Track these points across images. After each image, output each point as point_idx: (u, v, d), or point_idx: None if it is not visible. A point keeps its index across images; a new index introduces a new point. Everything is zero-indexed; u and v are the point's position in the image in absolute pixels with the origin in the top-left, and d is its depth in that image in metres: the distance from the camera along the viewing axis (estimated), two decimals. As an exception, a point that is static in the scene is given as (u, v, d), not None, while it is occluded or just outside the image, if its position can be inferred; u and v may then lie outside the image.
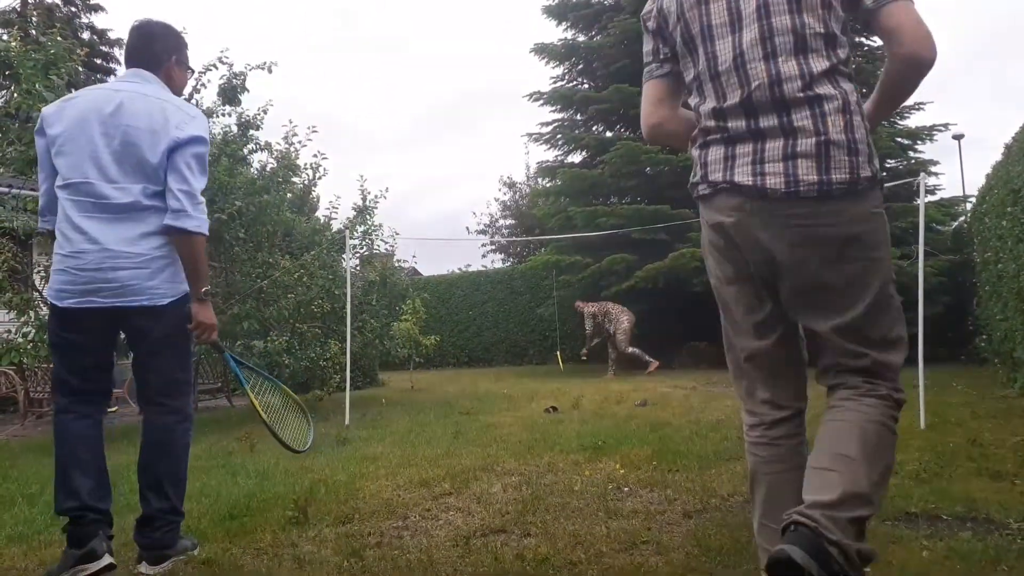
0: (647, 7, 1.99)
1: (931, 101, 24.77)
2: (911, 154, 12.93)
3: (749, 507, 2.12)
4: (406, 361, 11.94)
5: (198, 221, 2.65)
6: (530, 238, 19.58)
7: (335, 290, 8.46)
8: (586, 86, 14.78)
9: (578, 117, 14.73)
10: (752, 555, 2.58)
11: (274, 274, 8.07)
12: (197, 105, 7.79)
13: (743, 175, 1.75)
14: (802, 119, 1.70)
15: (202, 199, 2.69)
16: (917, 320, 5.50)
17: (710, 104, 1.83)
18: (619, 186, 13.11)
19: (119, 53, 21.59)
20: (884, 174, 1.88)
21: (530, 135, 15.06)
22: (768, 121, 1.73)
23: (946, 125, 12.80)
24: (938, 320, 8.58)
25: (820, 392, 2.02)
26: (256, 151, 8.57)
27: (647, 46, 2.01)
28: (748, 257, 1.82)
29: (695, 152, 1.89)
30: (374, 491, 3.85)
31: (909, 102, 13.36)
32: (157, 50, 2.81)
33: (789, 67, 1.72)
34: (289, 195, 9.16)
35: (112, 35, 23.36)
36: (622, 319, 11.34)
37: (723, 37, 1.80)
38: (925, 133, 12.68)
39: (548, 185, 15.81)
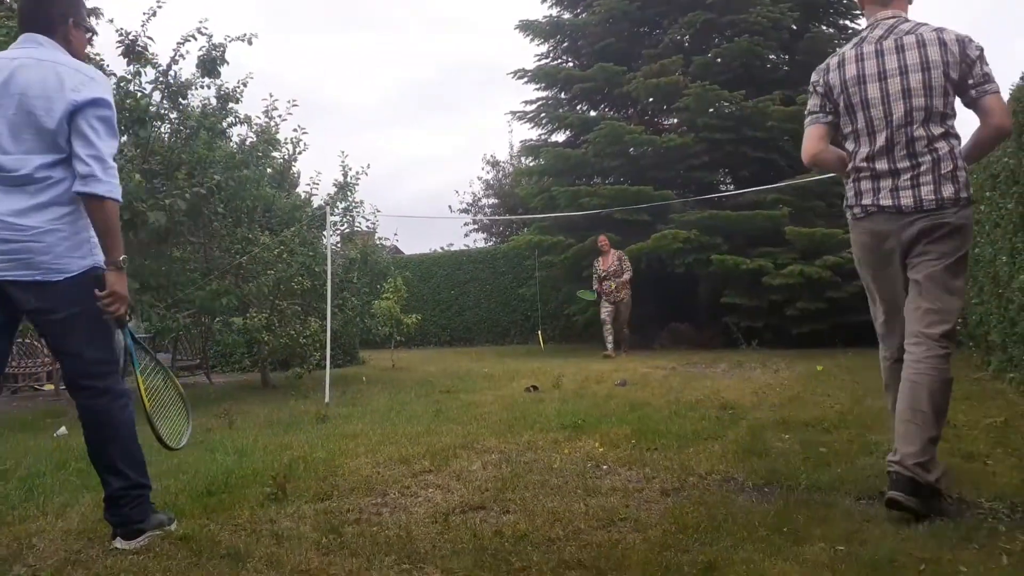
0: (815, 77, 3.05)
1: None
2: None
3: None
4: (387, 340, 11.91)
5: (109, 186, 2.53)
6: (513, 217, 19.54)
7: (315, 267, 8.39)
8: (571, 64, 14.70)
9: (562, 96, 14.66)
10: (727, 532, 2.60)
11: (254, 250, 7.99)
12: (175, 77, 7.66)
13: (887, 199, 2.81)
14: (925, 164, 2.75)
15: (113, 163, 2.58)
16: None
17: (864, 151, 2.86)
18: (602, 166, 13.09)
19: (95, 23, 21.18)
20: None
21: (514, 113, 14.99)
22: (903, 164, 2.78)
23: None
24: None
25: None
26: (235, 124, 8.45)
27: (814, 101, 3.04)
28: (889, 248, 2.83)
29: (850, 183, 2.94)
30: (353, 468, 3.84)
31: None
32: (52, 13, 2.66)
33: (920, 131, 2.76)
34: (269, 170, 9.05)
35: (87, 3, 22.90)
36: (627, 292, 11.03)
37: (876, 107, 2.82)
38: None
39: (531, 164, 15.76)
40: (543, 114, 14.52)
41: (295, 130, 9.68)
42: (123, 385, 2.76)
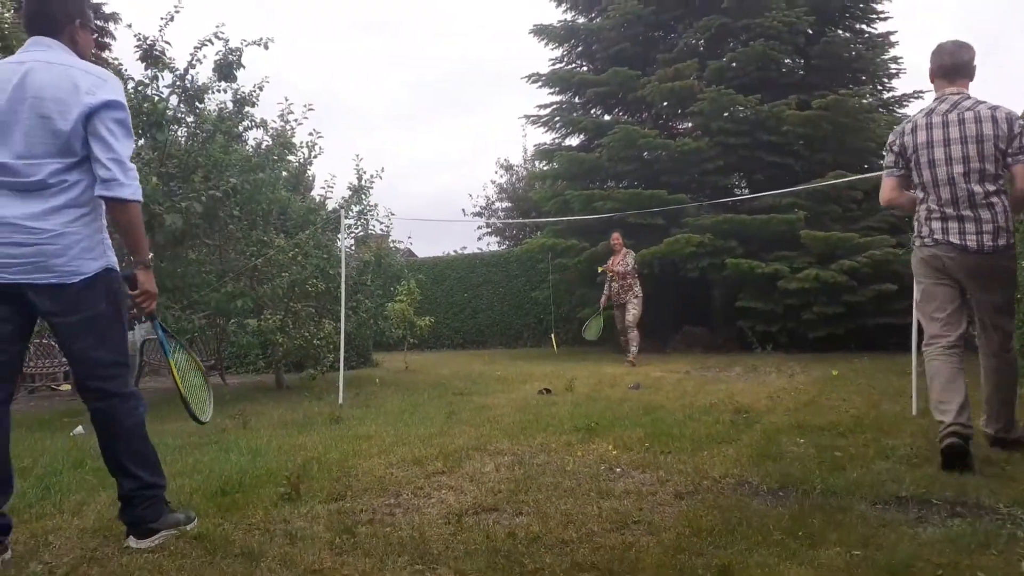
0: (892, 138, 3.81)
1: (930, 90, 24.80)
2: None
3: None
4: (400, 342, 11.93)
5: (132, 188, 2.57)
6: (526, 221, 19.53)
7: (330, 270, 8.42)
8: (585, 69, 14.69)
9: (576, 100, 14.65)
10: (742, 536, 2.59)
11: (268, 253, 8.03)
12: (192, 81, 7.72)
13: (955, 238, 3.56)
14: (985, 214, 3.52)
15: (132, 165, 2.59)
16: (911, 308, 5.51)
17: (932, 201, 3.64)
18: (616, 170, 13.06)
19: (114, 28, 21.35)
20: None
21: (528, 117, 14.98)
22: (966, 212, 3.54)
23: (945, 114, 12.77)
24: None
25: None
26: (251, 128, 8.50)
27: (890, 159, 3.81)
28: (953, 275, 3.64)
29: (922, 224, 3.69)
30: (367, 469, 3.85)
31: (908, 90, 13.36)
32: (57, 14, 2.64)
33: (977, 188, 3.52)
34: (284, 173, 9.10)
35: (106, 9, 23.14)
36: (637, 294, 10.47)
37: (940, 166, 3.59)
38: (924, 122, 12.64)
39: (545, 168, 15.75)
40: (557, 118, 14.52)
41: (311, 134, 9.75)
42: (132, 388, 2.77)
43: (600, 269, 10.77)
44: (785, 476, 3.40)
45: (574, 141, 14.74)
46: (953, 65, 3.67)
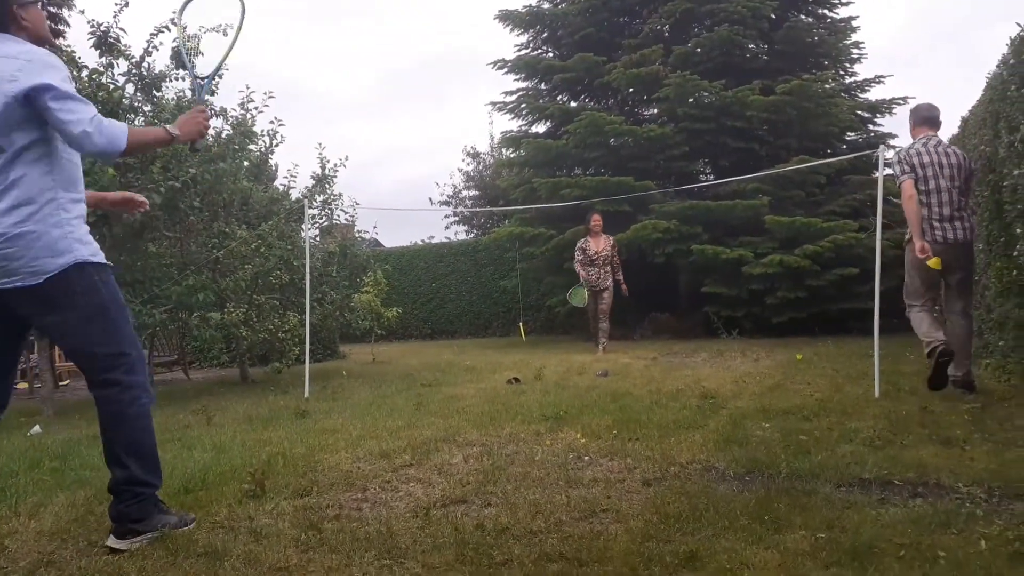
0: (903, 156, 5.05)
1: (891, 75, 25.14)
2: (871, 127, 13.09)
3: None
4: (368, 333, 11.84)
5: (104, 138, 2.48)
6: (494, 209, 19.47)
7: (294, 261, 8.31)
8: (551, 55, 14.62)
9: (542, 86, 14.58)
10: (709, 521, 2.60)
11: (231, 244, 7.90)
12: (149, 68, 7.54)
13: (949, 236, 4.86)
14: (965, 219, 4.94)
15: (96, 118, 2.48)
16: (874, 292, 5.59)
17: (932, 208, 4.91)
18: (583, 157, 13.04)
19: (67, 14, 20.77)
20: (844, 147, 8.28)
21: (494, 104, 14.87)
22: (955, 214, 4.89)
23: (905, 99, 12.93)
24: (894, 292, 8.70)
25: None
26: (211, 117, 8.32)
27: (905, 168, 4.99)
28: (945, 259, 4.78)
29: (925, 224, 4.89)
30: (333, 463, 3.81)
31: (869, 75, 13.50)
32: None
33: (960, 199, 4.94)
34: (246, 163, 8.93)
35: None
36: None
37: (941, 180, 4.89)
38: (884, 107, 12.82)
39: (512, 156, 15.68)
40: (523, 105, 14.44)
41: (272, 122, 9.59)
42: (136, 377, 2.70)
43: (584, 270, 9.95)
44: (751, 461, 3.43)
45: (541, 128, 14.69)
46: (930, 117, 5.16)
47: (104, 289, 2.64)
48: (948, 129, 10.62)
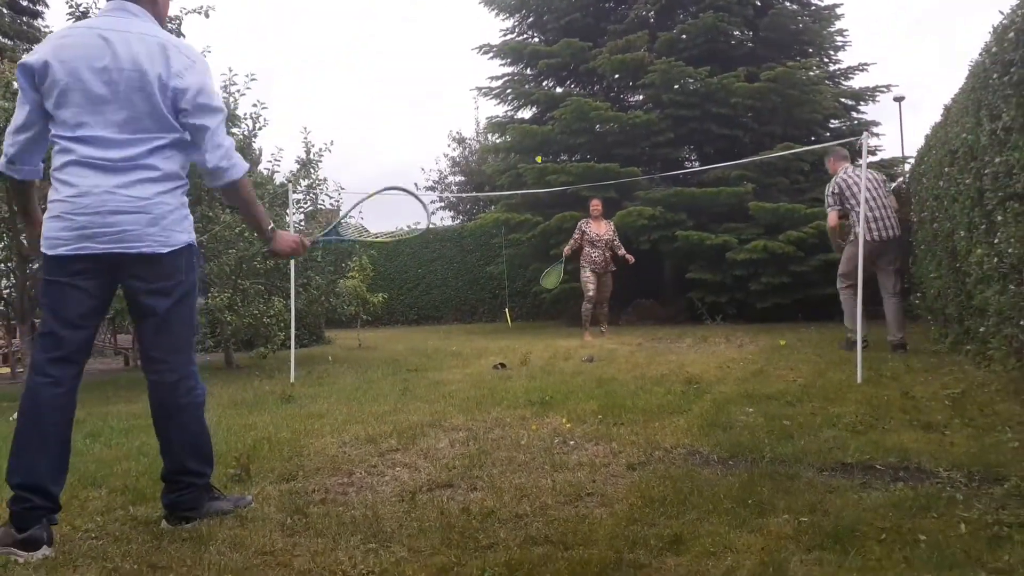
0: (831, 189, 6.88)
1: (875, 63, 25.26)
2: (854, 115, 13.16)
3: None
4: (353, 319, 11.81)
5: (237, 168, 2.64)
6: (479, 195, 19.43)
7: (279, 246, 8.25)
8: (536, 40, 14.57)
9: (528, 72, 14.54)
10: (693, 505, 2.62)
11: (214, 229, 7.83)
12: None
13: (883, 234, 6.57)
14: (894, 221, 6.69)
15: (228, 142, 2.63)
16: (857, 277, 5.64)
17: (865, 215, 6.28)
18: (569, 143, 13.04)
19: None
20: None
21: (480, 89, 14.83)
22: (884, 217, 6.63)
23: (888, 87, 13.03)
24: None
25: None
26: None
27: (832, 200, 6.87)
28: (879, 251, 6.60)
29: (862, 225, 6.21)
30: (319, 448, 3.80)
31: (853, 63, 13.56)
32: None
33: (887, 203, 6.74)
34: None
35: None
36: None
37: (872, 194, 6.59)
38: (868, 94, 12.89)
39: (498, 141, 15.64)
40: (509, 90, 14.40)
41: (255, 105, 9.46)
42: (193, 368, 2.70)
43: (588, 249, 9.76)
44: (735, 445, 3.46)
45: (526, 113, 14.67)
46: (845, 155, 7.22)
47: (198, 275, 2.75)
48: (931, 117, 10.63)
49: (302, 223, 9.87)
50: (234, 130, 8.81)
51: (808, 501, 2.60)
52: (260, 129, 9.07)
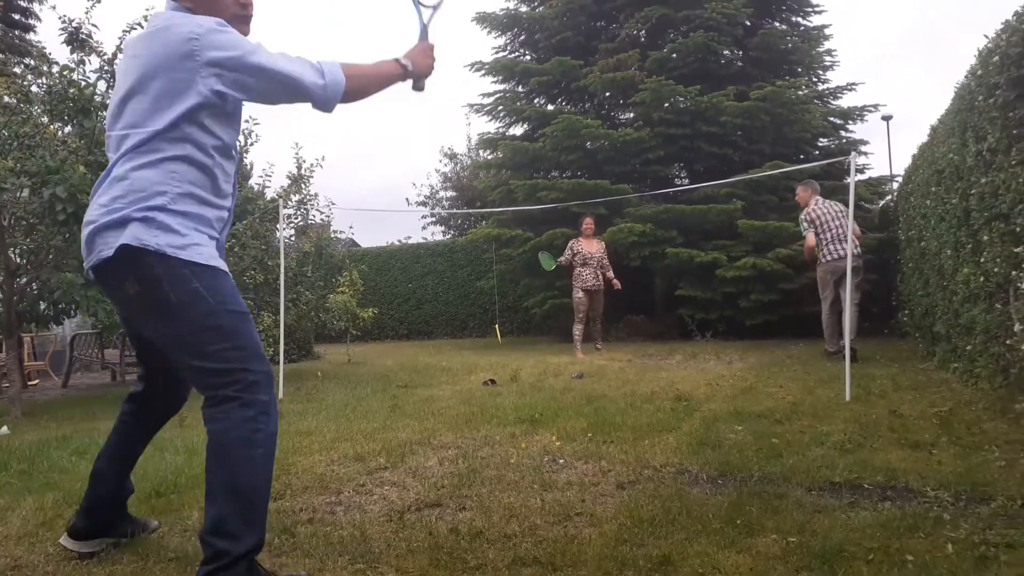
0: (804, 216, 8.01)
1: (863, 82, 25.57)
2: (842, 134, 13.28)
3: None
4: (343, 334, 11.78)
5: (326, 90, 2.25)
6: (471, 211, 19.46)
7: (268, 261, 8.25)
8: (528, 58, 14.66)
9: (520, 89, 14.61)
10: (682, 525, 2.62)
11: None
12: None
13: (840, 253, 7.65)
14: (845, 243, 7.34)
15: (308, 66, 2.24)
16: (846, 295, 5.68)
17: (830, 239, 7.80)
18: (560, 160, 13.09)
19: (39, 8, 20.41)
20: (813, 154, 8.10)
21: (471, 106, 14.87)
22: (842, 241, 7.64)
23: (876, 106, 13.15)
24: (864, 295, 8.85)
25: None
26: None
27: (806, 225, 7.96)
28: (841, 268, 7.28)
29: (825, 248, 7.83)
30: (307, 466, 3.78)
31: (841, 82, 13.71)
32: None
33: (843, 233, 7.58)
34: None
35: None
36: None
37: (833, 221, 7.80)
38: (856, 113, 13.01)
39: (489, 157, 15.68)
40: (500, 107, 14.46)
41: (247, 120, 9.48)
42: (247, 393, 2.13)
43: (578, 268, 9.86)
44: (724, 464, 3.47)
45: (518, 130, 14.72)
46: (817, 188, 8.15)
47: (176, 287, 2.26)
48: (918, 137, 10.73)
49: (292, 238, 9.87)
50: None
51: (796, 521, 2.61)
52: (252, 145, 9.08)
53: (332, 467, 3.77)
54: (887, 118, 22.99)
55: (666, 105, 12.14)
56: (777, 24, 13.61)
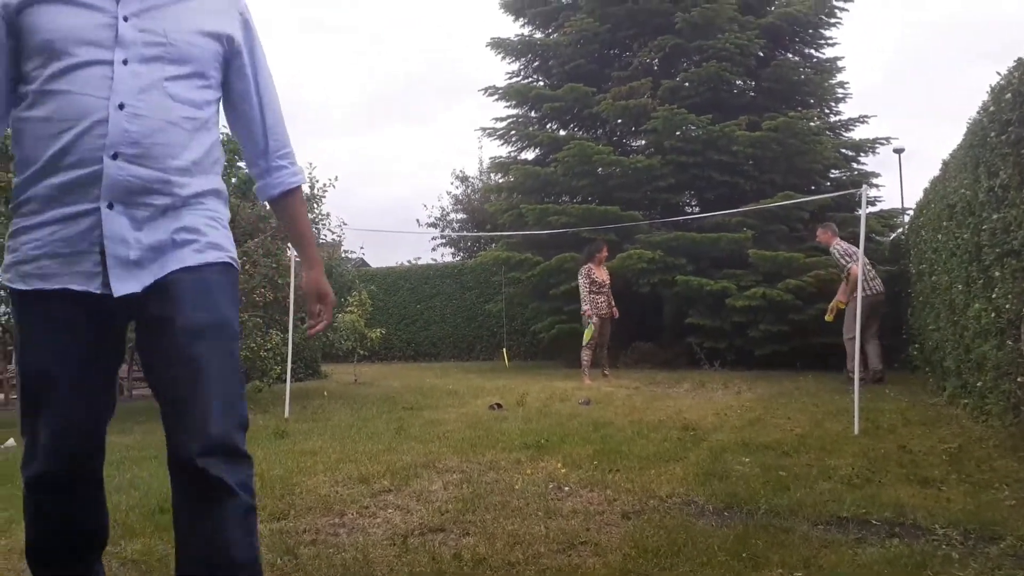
0: (842, 251, 8.49)
1: (875, 115, 25.62)
2: (854, 166, 13.28)
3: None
4: (350, 354, 11.78)
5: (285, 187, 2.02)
6: (481, 234, 19.52)
7: (278, 279, 8.28)
8: (541, 83, 14.77)
9: (532, 114, 14.70)
10: (687, 557, 2.60)
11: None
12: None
13: (876, 288, 8.58)
14: (876, 279, 8.77)
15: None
16: (855, 328, 5.65)
17: (867, 276, 7.97)
18: (571, 185, 13.14)
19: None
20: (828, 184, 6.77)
21: (484, 129, 14.98)
22: (872, 278, 8.62)
23: (888, 139, 13.17)
24: (879, 330, 8.80)
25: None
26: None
27: (847, 260, 8.28)
28: (875, 302, 8.50)
29: (863, 283, 7.13)
30: (311, 487, 3.78)
31: (854, 115, 13.74)
32: None
33: (871, 270, 8.74)
34: (233, 180, 8.92)
35: None
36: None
37: (860, 260, 6.82)
38: (868, 146, 13.02)
39: (501, 181, 15.76)
40: (513, 132, 14.55)
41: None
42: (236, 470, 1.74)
43: (595, 300, 9.86)
44: (730, 495, 3.44)
45: (530, 155, 14.79)
46: (835, 231, 8.62)
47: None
48: (929, 172, 10.79)
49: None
50: (239, 163, 8.90)
51: (802, 555, 2.58)
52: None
53: (336, 488, 3.76)
54: (899, 151, 22.96)
55: (678, 133, 12.19)
56: (790, 55, 13.67)
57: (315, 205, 9.45)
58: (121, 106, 1.64)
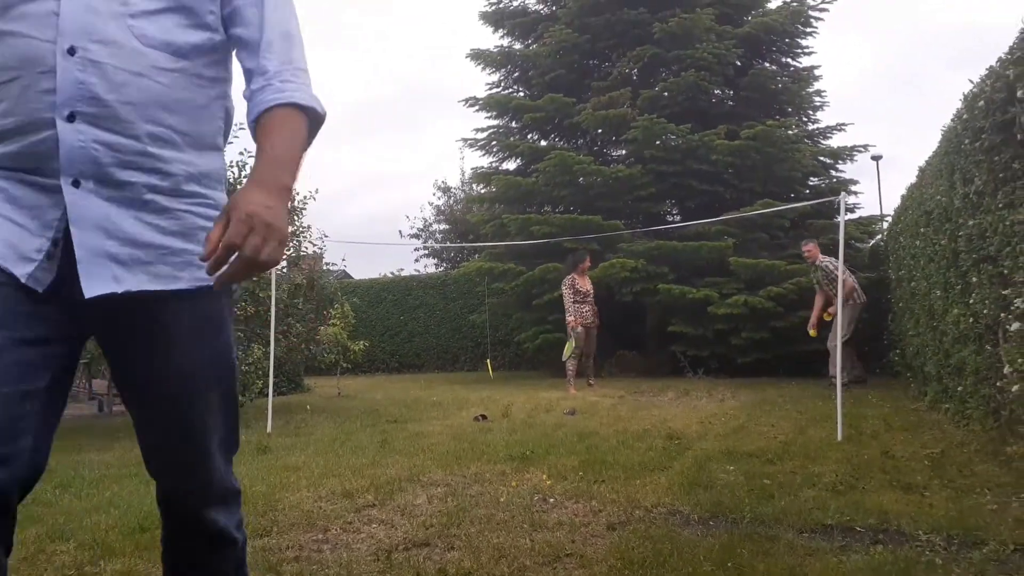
0: (836, 265, 7.01)
1: (852, 123, 25.91)
2: (833, 173, 13.42)
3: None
4: (333, 366, 11.70)
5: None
6: (464, 244, 19.51)
7: (259, 292, 8.22)
8: (521, 94, 14.83)
9: (513, 124, 14.75)
10: (672, 568, 2.59)
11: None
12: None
13: (864, 297, 9.47)
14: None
15: None
16: (837, 335, 5.70)
17: (856, 285, 9.23)
18: (552, 195, 13.18)
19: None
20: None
21: (465, 140, 15.01)
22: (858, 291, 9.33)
23: (865, 146, 13.32)
24: (855, 335, 8.88)
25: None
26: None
27: (839, 269, 6.35)
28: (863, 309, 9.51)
29: (856, 292, 9.07)
30: (294, 502, 3.74)
31: (832, 123, 13.90)
32: None
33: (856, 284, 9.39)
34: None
35: None
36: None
37: (845, 276, 7.42)
38: (846, 153, 13.17)
39: (483, 191, 15.78)
40: (494, 142, 14.59)
41: (241, 153, 9.52)
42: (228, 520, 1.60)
43: (581, 309, 9.94)
44: (715, 505, 3.44)
45: (511, 165, 14.83)
46: (820, 249, 8.92)
47: None
48: (907, 178, 10.92)
49: (284, 269, 9.85)
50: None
51: (787, 564, 2.58)
52: (246, 177, 9.12)
53: (319, 503, 3.72)
54: (877, 158, 23.26)
55: (657, 143, 12.27)
56: (767, 64, 13.81)
57: (295, 218, 9.40)
58: (71, 51, 1.26)
